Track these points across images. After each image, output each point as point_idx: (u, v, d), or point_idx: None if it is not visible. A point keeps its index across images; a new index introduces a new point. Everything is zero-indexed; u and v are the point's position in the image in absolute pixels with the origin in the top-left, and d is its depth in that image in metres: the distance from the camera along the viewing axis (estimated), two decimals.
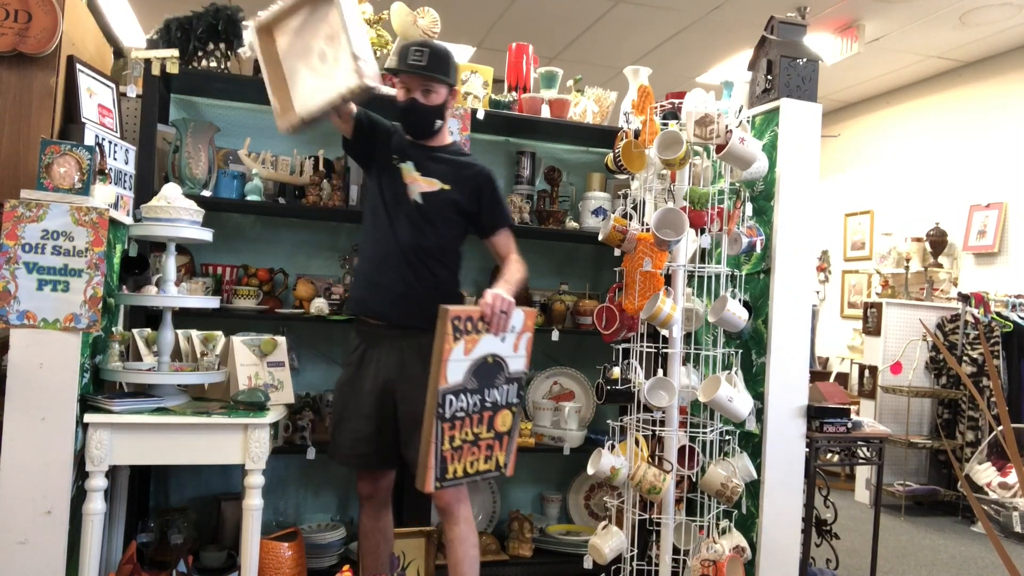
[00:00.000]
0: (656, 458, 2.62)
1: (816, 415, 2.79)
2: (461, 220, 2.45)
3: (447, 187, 2.41)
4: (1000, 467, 4.62)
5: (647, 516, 2.65)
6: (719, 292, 2.64)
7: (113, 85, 2.79)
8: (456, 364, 2.11)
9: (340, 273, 3.25)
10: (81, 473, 2.15)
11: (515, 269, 2.43)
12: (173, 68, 2.76)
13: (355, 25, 2.14)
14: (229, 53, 2.92)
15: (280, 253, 3.22)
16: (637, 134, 2.73)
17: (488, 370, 2.21)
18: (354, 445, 2.38)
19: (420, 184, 2.40)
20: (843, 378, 6.37)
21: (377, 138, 2.46)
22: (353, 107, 2.37)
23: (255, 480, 2.25)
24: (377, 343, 2.39)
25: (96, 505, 2.11)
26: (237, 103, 3.16)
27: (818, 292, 7.14)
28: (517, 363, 2.30)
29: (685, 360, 2.71)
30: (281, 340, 2.62)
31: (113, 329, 2.38)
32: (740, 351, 2.74)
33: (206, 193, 2.85)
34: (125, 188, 2.66)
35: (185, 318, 2.80)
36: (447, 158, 2.46)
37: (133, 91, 2.87)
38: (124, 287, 2.49)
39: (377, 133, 2.46)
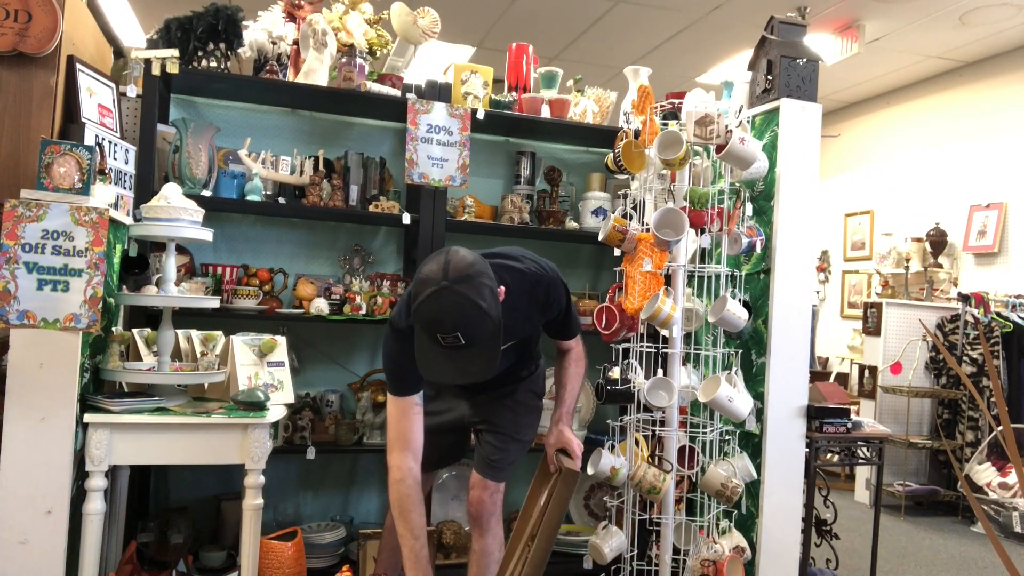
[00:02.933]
0: (656, 458, 2.62)
1: (816, 415, 2.79)
2: (539, 328, 2.30)
3: (513, 341, 2.17)
4: (1000, 467, 4.62)
5: (647, 516, 2.65)
6: (719, 292, 2.64)
7: (113, 85, 2.79)
8: None
9: (340, 273, 3.25)
10: (81, 473, 2.15)
11: (574, 382, 2.33)
12: (173, 68, 2.76)
13: None
14: (229, 53, 2.91)
15: (280, 253, 3.22)
16: (637, 134, 2.73)
17: None
18: (429, 453, 2.29)
19: None
20: (843, 378, 6.37)
21: None
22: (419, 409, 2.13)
23: (255, 480, 2.25)
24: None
25: (96, 505, 2.11)
26: (237, 103, 3.16)
27: (818, 292, 7.13)
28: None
29: (685, 360, 2.71)
30: (281, 340, 2.62)
31: (113, 329, 2.38)
32: (740, 351, 2.74)
33: (206, 193, 2.85)
34: (125, 188, 2.66)
35: (185, 318, 2.80)
36: (509, 310, 1.99)
37: (133, 91, 2.87)
38: (124, 287, 2.49)
39: None
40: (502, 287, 1.94)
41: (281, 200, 3.02)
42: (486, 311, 1.79)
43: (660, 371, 2.66)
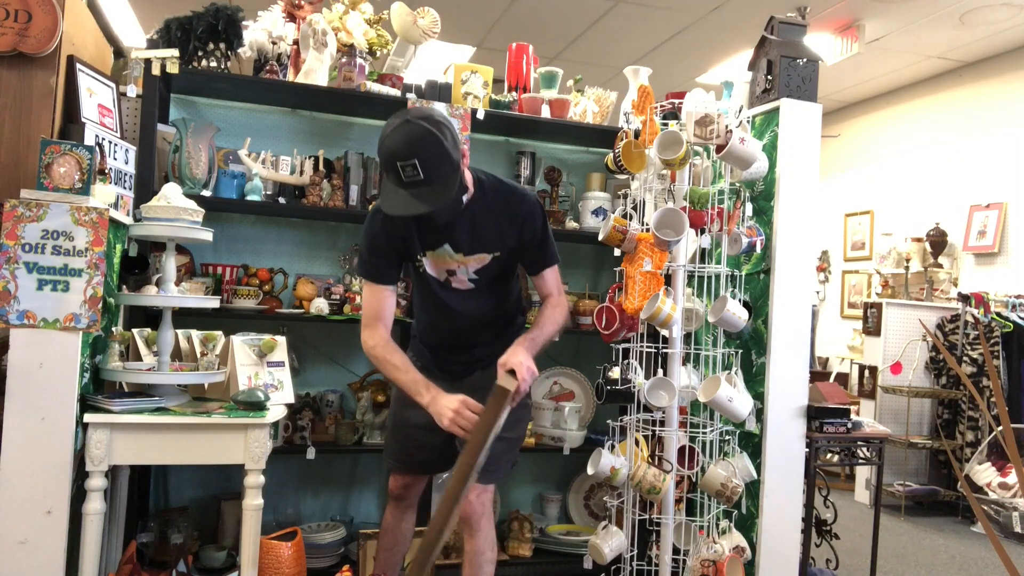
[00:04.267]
0: (656, 458, 2.62)
1: (816, 415, 2.79)
2: (515, 261, 2.27)
3: (498, 253, 2.18)
4: (1000, 467, 4.62)
5: (647, 516, 2.65)
6: (719, 292, 2.64)
7: (113, 85, 2.79)
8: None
9: (340, 273, 3.25)
10: (81, 473, 2.15)
11: (547, 322, 2.21)
12: (173, 68, 2.76)
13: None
14: (229, 53, 2.92)
15: (280, 253, 3.22)
16: (637, 134, 2.73)
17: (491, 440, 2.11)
18: (414, 452, 2.33)
19: (469, 264, 2.18)
20: (843, 378, 6.37)
21: (405, 248, 2.19)
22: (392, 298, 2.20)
23: (255, 480, 2.25)
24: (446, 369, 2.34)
25: (96, 505, 2.11)
26: (237, 103, 3.16)
27: (818, 292, 7.13)
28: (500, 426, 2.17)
29: (685, 360, 2.71)
30: (281, 340, 2.62)
31: (113, 329, 2.38)
32: (740, 351, 2.74)
33: (206, 193, 2.85)
34: (125, 188, 2.66)
35: (185, 318, 2.79)
36: (482, 213, 2.14)
37: (133, 91, 2.87)
38: (124, 287, 2.49)
39: (399, 250, 2.19)
40: (472, 174, 2.12)
41: (281, 200, 3.02)
42: (447, 149, 1.90)
43: (660, 371, 2.66)
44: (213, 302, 2.44)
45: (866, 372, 5.24)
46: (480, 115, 3.15)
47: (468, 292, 2.23)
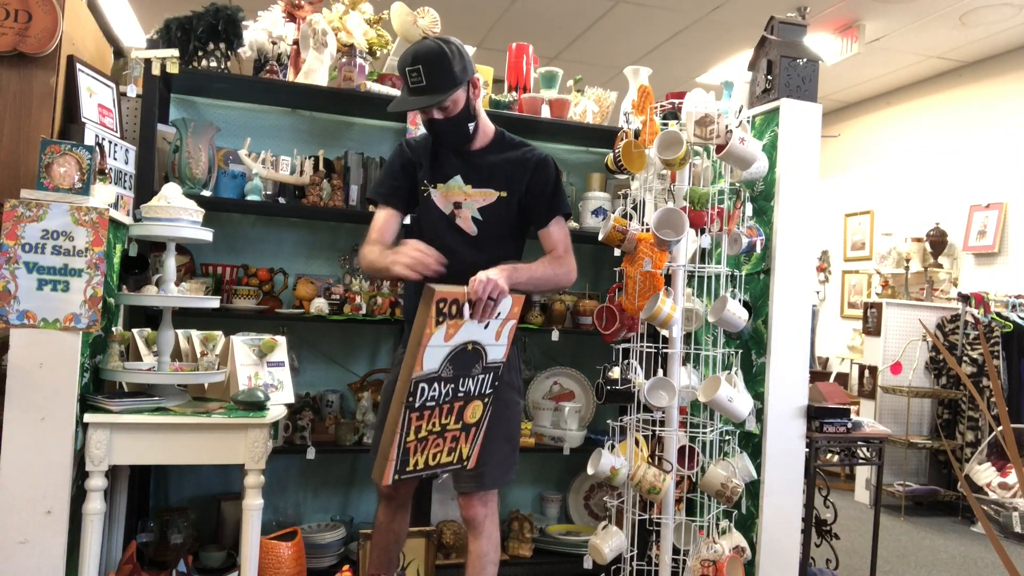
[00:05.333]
0: (656, 458, 2.62)
1: (816, 415, 2.79)
2: (522, 219, 2.32)
3: (504, 193, 2.26)
4: (1000, 467, 4.62)
5: (647, 516, 2.64)
6: (719, 292, 2.64)
7: (113, 85, 2.79)
8: (434, 350, 1.94)
9: (340, 273, 3.25)
10: (81, 473, 2.15)
11: (540, 263, 2.22)
12: (173, 68, 2.76)
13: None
14: (229, 53, 2.92)
15: (280, 253, 3.22)
16: (637, 134, 2.73)
17: (466, 358, 2.03)
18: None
19: (475, 199, 2.26)
20: (843, 378, 6.37)
21: (416, 177, 2.30)
22: (395, 223, 2.32)
23: (255, 480, 2.25)
24: None
25: (96, 505, 2.11)
26: (237, 103, 3.16)
27: (818, 292, 7.14)
28: (497, 352, 2.11)
29: (685, 360, 2.71)
30: (281, 340, 2.62)
31: (113, 329, 2.38)
32: (740, 351, 2.74)
33: (206, 193, 2.85)
34: (125, 188, 2.66)
35: (185, 318, 2.80)
36: (496, 157, 2.29)
37: (133, 91, 2.87)
38: (124, 287, 2.49)
39: (412, 179, 2.31)
40: (494, 126, 2.32)
41: (281, 200, 3.02)
42: (451, 63, 2.09)
43: (660, 371, 2.66)
44: (213, 302, 2.44)
45: (866, 372, 5.24)
46: None
47: (471, 239, 2.26)
